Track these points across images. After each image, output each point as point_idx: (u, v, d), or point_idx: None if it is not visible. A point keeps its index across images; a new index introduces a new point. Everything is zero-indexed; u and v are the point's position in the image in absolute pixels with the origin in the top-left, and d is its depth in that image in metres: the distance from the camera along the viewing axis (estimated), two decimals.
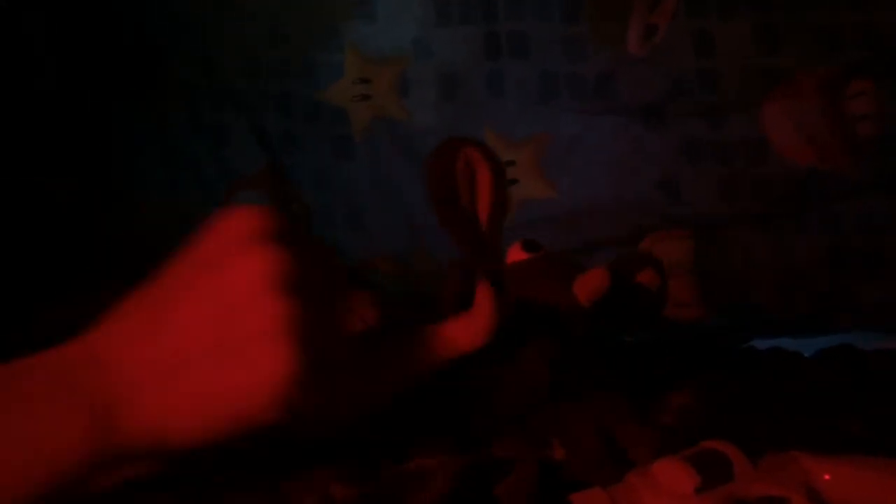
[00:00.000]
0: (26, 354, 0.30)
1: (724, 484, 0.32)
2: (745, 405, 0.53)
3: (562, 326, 0.48)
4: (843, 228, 0.71)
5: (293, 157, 0.78)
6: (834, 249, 0.71)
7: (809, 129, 0.70)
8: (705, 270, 0.72)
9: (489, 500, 0.36)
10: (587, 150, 0.74)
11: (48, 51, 0.75)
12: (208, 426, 0.29)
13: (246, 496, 0.36)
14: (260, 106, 0.78)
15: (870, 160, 0.69)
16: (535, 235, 0.75)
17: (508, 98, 0.75)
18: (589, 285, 0.47)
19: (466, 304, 0.38)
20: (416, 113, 0.76)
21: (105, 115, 0.78)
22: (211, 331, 0.29)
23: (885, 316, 0.71)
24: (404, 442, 0.40)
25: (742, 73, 0.71)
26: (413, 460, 0.38)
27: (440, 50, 0.75)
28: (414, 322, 0.38)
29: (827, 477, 0.32)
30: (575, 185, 0.75)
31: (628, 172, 0.74)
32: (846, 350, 0.65)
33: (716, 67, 0.71)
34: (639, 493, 0.32)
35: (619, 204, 0.74)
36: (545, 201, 0.75)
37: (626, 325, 0.57)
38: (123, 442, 0.28)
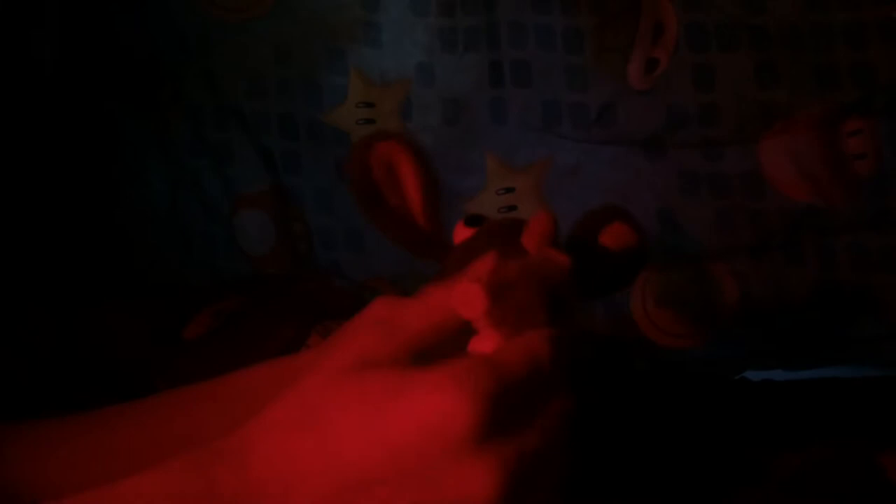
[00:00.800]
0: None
1: None
2: None
3: None
4: (837, 264, 0.72)
5: (295, 178, 0.79)
6: (827, 284, 0.72)
7: (806, 165, 0.71)
8: (699, 302, 0.73)
9: None
10: (586, 179, 0.75)
11: (56, 66, 0.76)
12: None
13: None
14: (263, 126, 0.79)
15: (865, 198, 0.71)
16: None
17: (510, 125, 0.76)
18: (535, 231, 0.42)
19: None
20: (418, 137, 0.77)
21: (111, 132, 0.79)
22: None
23: (876, 351, 0.72)
24: None
25: (741, 108, 0.72)
26: None
27: (444, 76, 0.76)
28: None
29: None
30: (574, 213, 0.75)
31: (627, 202, 0.75)
32: (833, 383, 0.66)
33: (715, 102, 0.72)
34: None
35: None
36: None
37: (598, 288, 0.50)
38: None
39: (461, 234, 0.46)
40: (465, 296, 0.28)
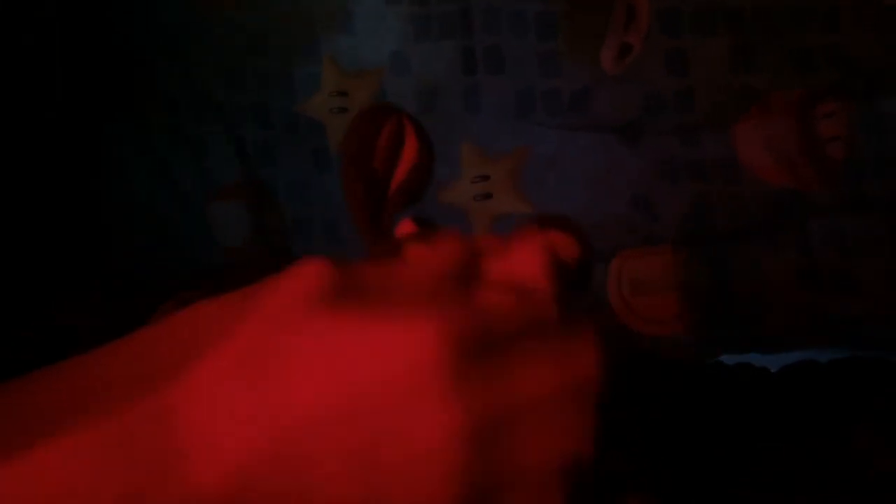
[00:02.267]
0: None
1: None
2: None
3: None
4: (815, 247, 0.72)
5: (271, 169, 0.78)
6: (805, 267, 0.72)
7: (781, 149, 0.71)
8: (677, 287, 0.73)
9: None
10: (563, 167, 0.75)
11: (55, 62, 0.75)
12: None
13: None
14: (239, 117, 0.78)
15: (841, 181, 0.70)
16: None
17: (485, 113, 0.75)
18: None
19: None
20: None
21: (88, 125, 0.78)
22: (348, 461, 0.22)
23: (854, 333, 0.72)
24: None
25: (716, 92, 0.71)
26: None
27: (418, 64, 0.75)
28: None
29: None
30: (550, 201, 0.75)
31: (603, 189, 0.75)
32: (809, 365, 0.66)
33: (690, 86, 0.72)
34: None
35: (595, 219, 0.75)
36: (520, 217, 0.75)
37: None
38: None
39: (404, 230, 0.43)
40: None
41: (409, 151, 0.36)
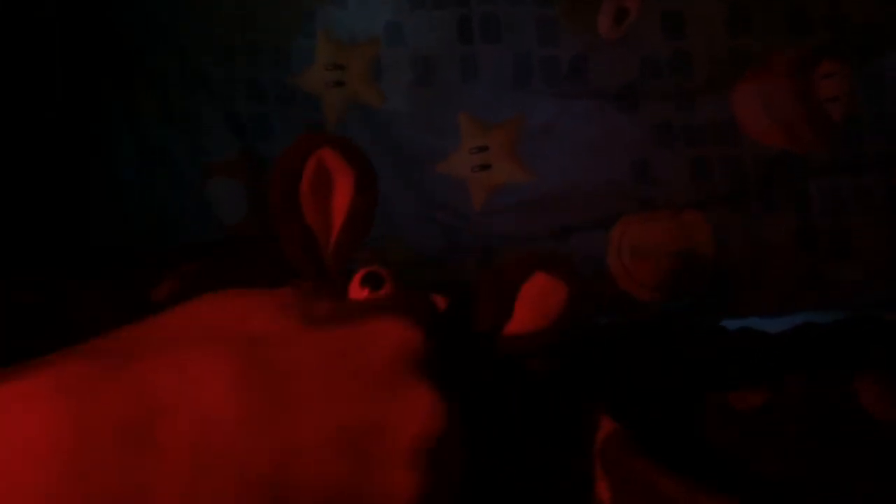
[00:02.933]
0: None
1: None
2: None
3: None
4: (812, 209, 0.72)
5: (267, 143, 0.78)
6: (802, 229, 0.72)
7: (779, 110, 0.70)
8: (677, 252, 0.73)
9: None
10: (561, 134, 0.75)
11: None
12: None
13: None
14: (231, 92, 0.77)
15: (839, 141, 0.70)
16: (509, 220, 0.76)
17: (482, 82, 0.75)
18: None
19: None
20: (389, 98, 0.76)
21: (79, 104, 0.77)
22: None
23: (851, 294, 0.72)
24: None
25: (713, 55, 0.71)
26: None
27: (413, 34, 0.75)
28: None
29: None
30: (549, 169, 0.75)
31: (602, 155, 0.74)
32: (808, 327, 0.67)
33: (686, 50, 0.71)
34: None
35: (594, 187, 0.75)
36: (519, 185, 0.75)
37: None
38: None
39: (355, 291, 0.38)
40: None
41: (343, 188, 0.33)
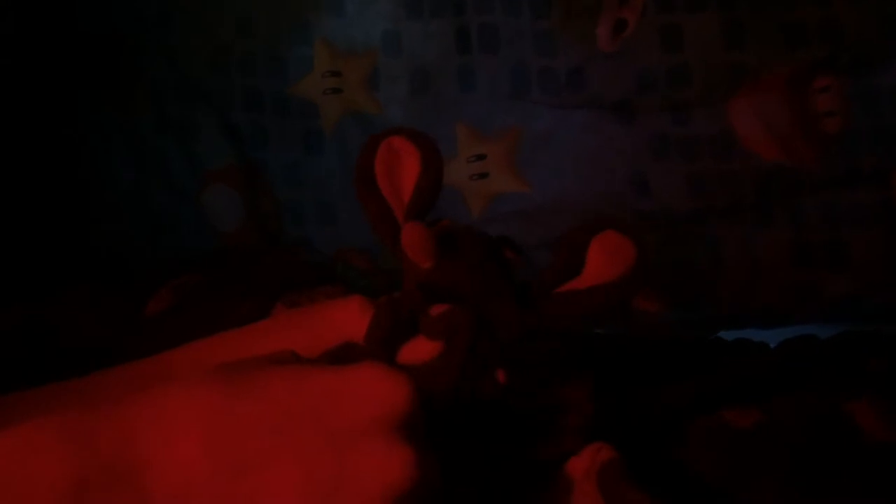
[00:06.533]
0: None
1: None
2: None
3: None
4: (808, 222, 0.72)
5: (263, 152, 0.77)
6: (798, 243, 0.72)
7: (775, 124, 0.71)
8: (671, 264, 0.73)
9: None
10: (558, 145, 0.75)
11: (12, 41, 0.73)
12: None
13: None
14: (228, 100, 0.77)
15: (834, 156, 0.70)
16: (507, 230, 0.76)
17: (480, 92, 0.75)
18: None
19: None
20: (387, 108, 0.75)
21: (73, 114, 0.76)
22: None
23: (847, 308, 0.73)
24: None
25: (709, 68, 0.71)
26: None
27: (410, 44, 0.74)
28: None
29: None
30: (546, 180, 0.75)
31: (599, 167, 0.74)
32: (808, 340, 0.67)
33: (683, 63, 0.71)
34: None
35: (590, 199, 0.75)
36: (517, 195, 0.75)
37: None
38: None
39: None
40: None
41: (409, 167, 0.39)
